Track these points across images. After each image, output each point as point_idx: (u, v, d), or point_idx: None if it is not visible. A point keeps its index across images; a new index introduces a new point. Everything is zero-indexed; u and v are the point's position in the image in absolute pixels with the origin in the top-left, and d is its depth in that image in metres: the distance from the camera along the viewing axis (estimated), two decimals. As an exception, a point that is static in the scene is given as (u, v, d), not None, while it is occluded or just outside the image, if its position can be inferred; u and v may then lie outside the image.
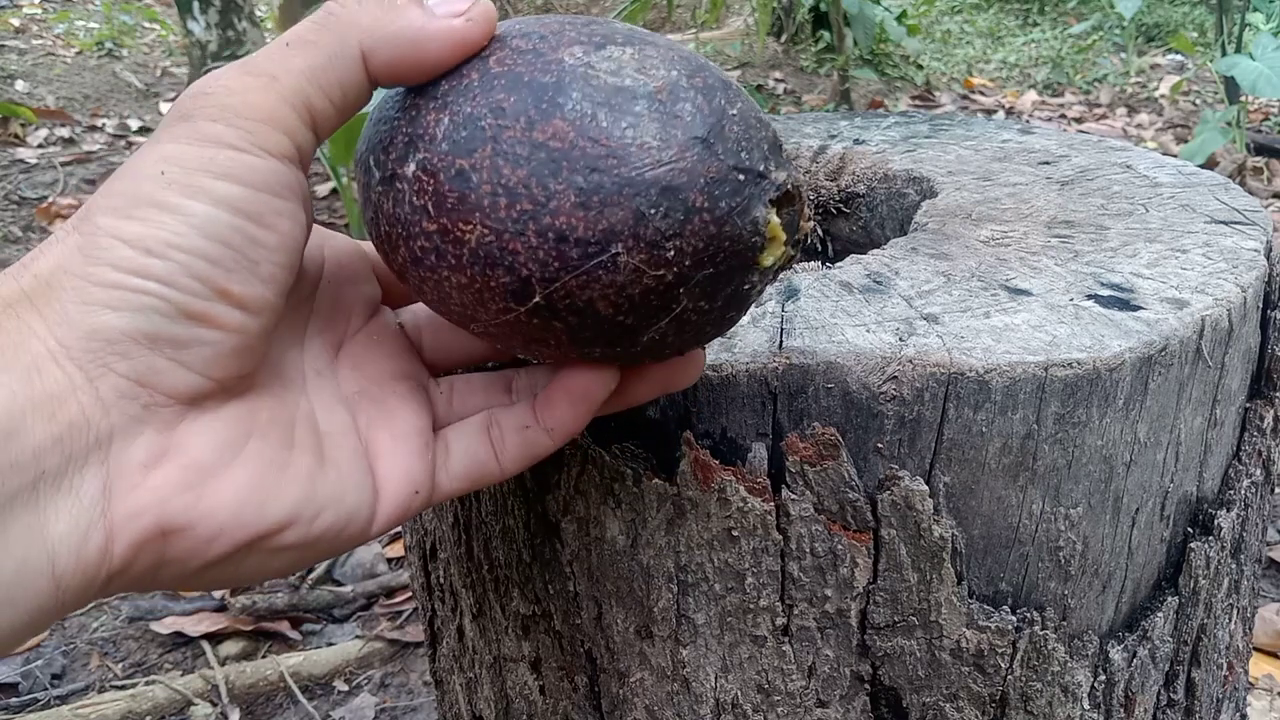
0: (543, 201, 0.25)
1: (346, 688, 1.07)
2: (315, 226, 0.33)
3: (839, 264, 0.44)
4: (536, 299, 0.27)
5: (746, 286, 0.28)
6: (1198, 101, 3.27)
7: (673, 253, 0.26)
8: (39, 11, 4.11)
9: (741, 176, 0.26)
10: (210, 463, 0.25)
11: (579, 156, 0.25)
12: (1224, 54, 2.46)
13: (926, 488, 0.35)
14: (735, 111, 0.27)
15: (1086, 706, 0.40)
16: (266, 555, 0.27)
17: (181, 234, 0.24)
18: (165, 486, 0.24)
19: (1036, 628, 0.38)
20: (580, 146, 0.25)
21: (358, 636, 1.13)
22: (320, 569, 1.21)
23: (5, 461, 0.22)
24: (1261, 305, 0.43)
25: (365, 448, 0.30)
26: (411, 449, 0.30)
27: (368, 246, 0.34)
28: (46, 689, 1.06)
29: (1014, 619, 0.37)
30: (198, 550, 0.25)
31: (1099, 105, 3.28)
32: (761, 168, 0.27)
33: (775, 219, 0.27)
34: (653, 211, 0.25)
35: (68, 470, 0.23)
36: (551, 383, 0.31)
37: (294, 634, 1.14)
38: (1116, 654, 0.40)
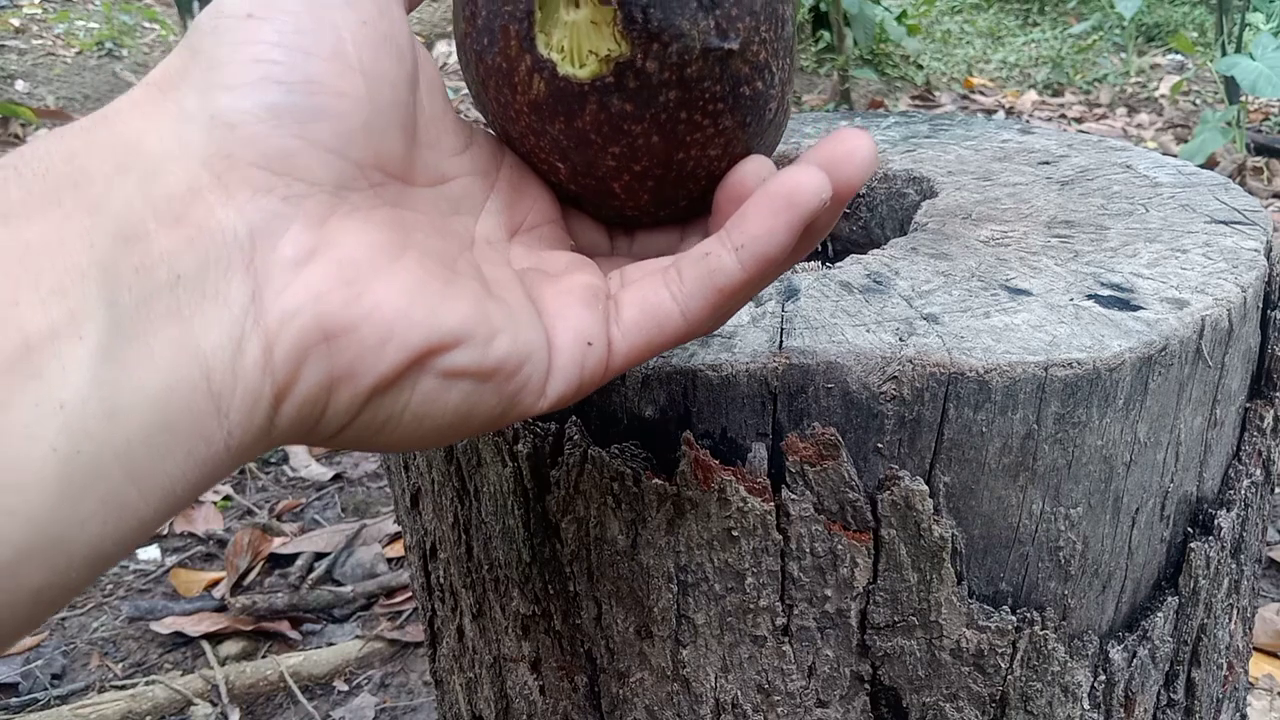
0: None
1: (346, 688, 1.06)
2: None
3: (839, 264, 0.44)
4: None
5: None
6: (1198, 101, 3.27)
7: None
8: (39, 11, 4.11)
9: None
10: (367, 260, 0.23)
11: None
12: (1224, 54, 2.46)
13: (926, 488, 0.35)
14: None
15: (1086, 706, 0.40)
16: (440, 383, 0.24)
17: None
18: (321, 282, 0.22)
19: (1036, 628, 0.38)
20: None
21: (358, 636, 1.13)
22: (320, 569, 1.21)
23: (129, 266, 0.20)
24: (1261, 305, 0.43)
25: (535, 306, 0.27)
26: (578, 299, 0.27)
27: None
28: (46, 689, 1.06)
29: (1014, 619, 0.37)
30: (367, 361, 0.22)
31: (1099, 105, 3.28)
32: None
33: None
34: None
35: (209, 275, 0.21)
36: (751, 197, 0.26)
37: (294, 634, 1.14)
38: (1116, 654, 0.40)
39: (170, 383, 0.20)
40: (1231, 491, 0.43)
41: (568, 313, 0.26)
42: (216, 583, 1.21)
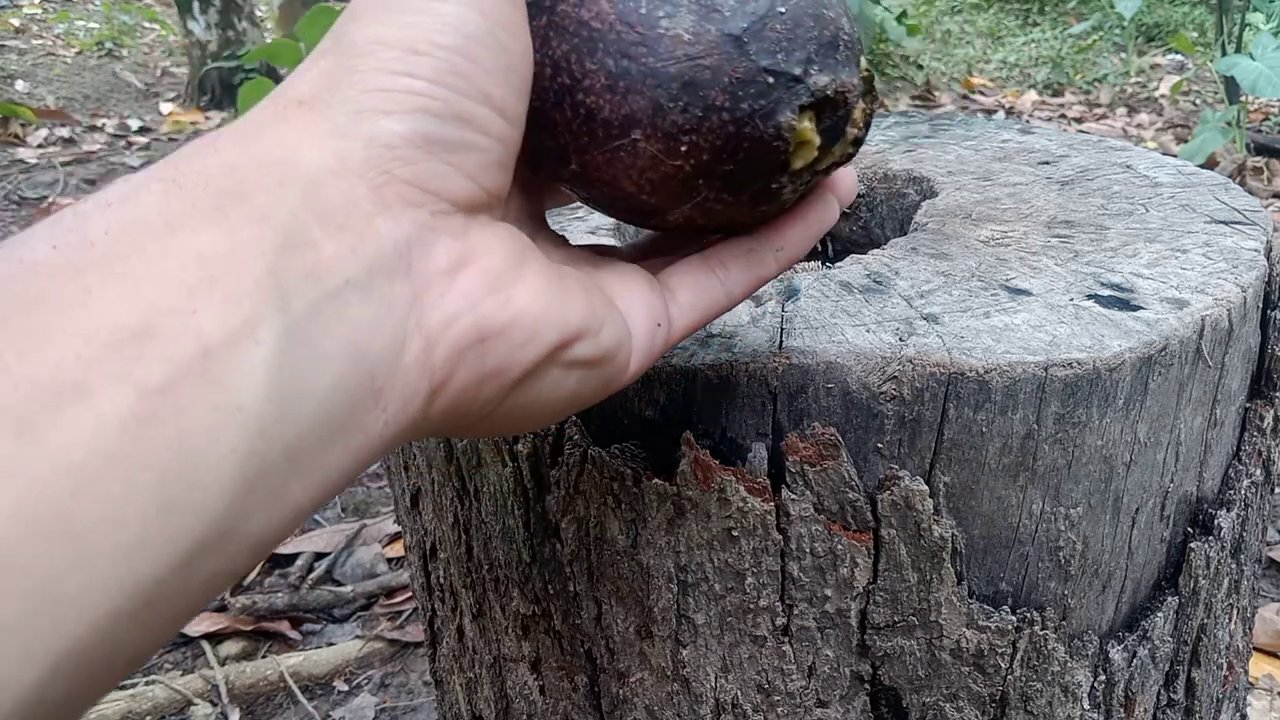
0: (578, 78, 0.26)
1: (346, 688, 1.06)
2: None
3: (839, 264, 0.44)
4: (572, 166, 0.28)
5: (775, 186, 0.28)
6: (1198, 101, 3.27)
7: (687, 147, 0.26)
8: (39, 11, 4.11)
9: (771, 79, 0.26)
10: (506, 269, 0.25)
11: (614, 40, 0.26)
12: (1224, 54, 2.46)
13: (926, 488, 0.35)
14: (785, 9, 0.26)
15: (1086, 706, 0.40)
16: (562, 372, 0.26)
17: (441, 30, 0.24)
18: (475, 291, 0.24)
19: (1036, 628, 0.38)
20: (617, 30, 0.26)
21: (358, 636, 1.13)
22: (320, 569, 1.21)
23: (298, 273, 0.21)
24: (1261, 305, 0.43)
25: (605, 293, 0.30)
26: (641, 283, 0.30)
27: None
28: (46, 689, 1.05)
29: (1014, 619, 0.37)
30: (513, 358, 0.25)
31: (1099, 105, 3.28)
32: (798, 71, 0.26)
33: (806, 124, 0.27)
34: (672, 105, 0.26)
35: (374, 280, 0.22)
36: (786, 214, 0.32)
37: (294, 634, 1.14)
38: (1116, 654, 0.40)
39: (338, 383, 0.21)
40: (1231, 491, 0.43)
41: (638, 299, 0.29)
42: (216, 583, 1.20)
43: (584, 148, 0.27)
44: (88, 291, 0.18)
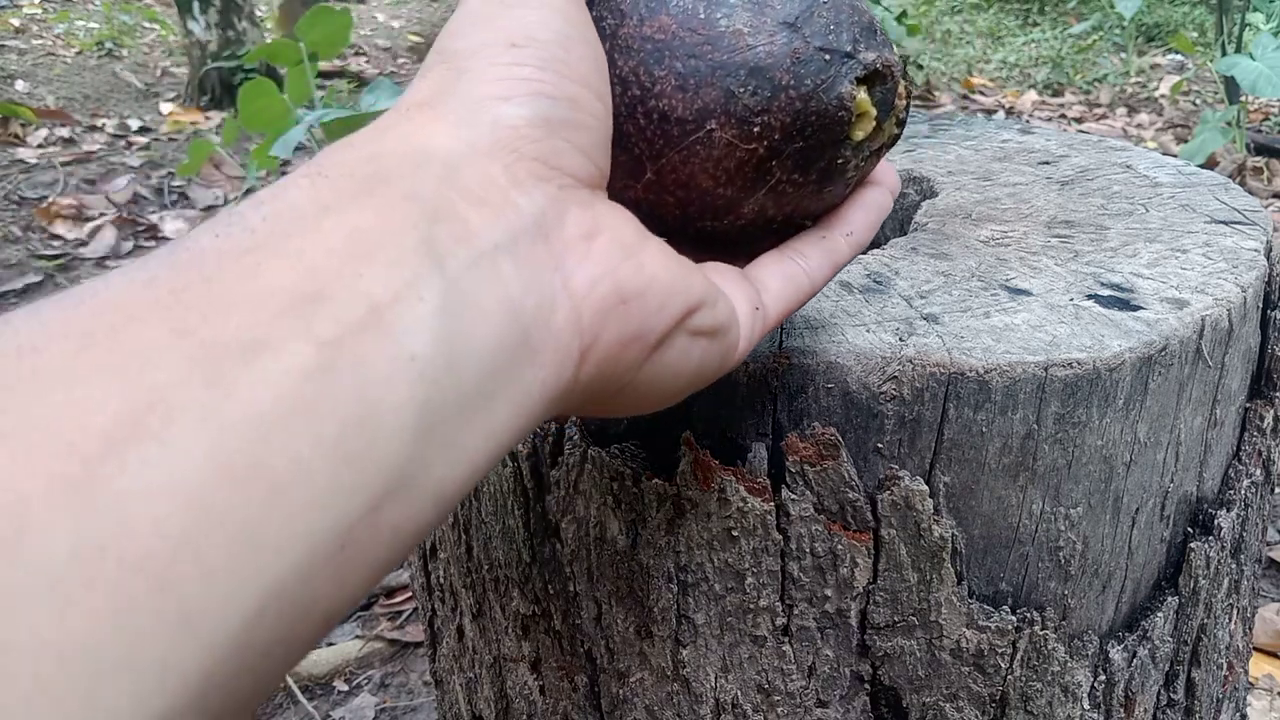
0: (649, 87, 0.29)
1: (346, 688, 1.06)
2: None
3: (839, 264, 0.44)
4: (648, 175, 0.30)
5: (840, 161, 0.30)
6: (1198, 101, 3.26)
7: (759, 127, 0.29)
8: (39, 11, 4.11)
9: (827, 56, 0.29)
10: (633, 239, 0.26)
11: (679, 45, 0.28)
12: (1224, 54, 2.46)
13: (926, 488, 0.35)
14: (826, 0, 0.29)
15: (1086, 706, 0.40)
16: (688, 341, 0.27)
17: (533, 25, 0.26)
18: (611, 256, 0.25)
19: (1036, 628, 0.38)
20: (680, 37, 0.28)
21: (358, 636, 1.13)
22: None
23: (449, 238, 0.22)
24: (1261, 305, 0.43)
25: None
26: (733, 272, 0.31)
27: None
28: (46, 689, 1.05)
29: (1014, 619, 0.37)
30: (650, 322, 0.26)
31: (1099, 105, 3.28)
32: (849, 48, 0.29)
33: (863, 95, 0.30)
34: (742, 90, 0.28)
35: (519, 244, 0.23)
36: (846, 203, 0.34)
37: (294, 634, 1.14)
38: (1116, 654, 0.40)
39: (498, 337, 0.22)
40: (1231, 491, 0.43)
41: (733, 285, 0.31)
42: (216, 583, 1.20)
43: (659, 152, 0.29)
44: (256, 266, 0.19)
